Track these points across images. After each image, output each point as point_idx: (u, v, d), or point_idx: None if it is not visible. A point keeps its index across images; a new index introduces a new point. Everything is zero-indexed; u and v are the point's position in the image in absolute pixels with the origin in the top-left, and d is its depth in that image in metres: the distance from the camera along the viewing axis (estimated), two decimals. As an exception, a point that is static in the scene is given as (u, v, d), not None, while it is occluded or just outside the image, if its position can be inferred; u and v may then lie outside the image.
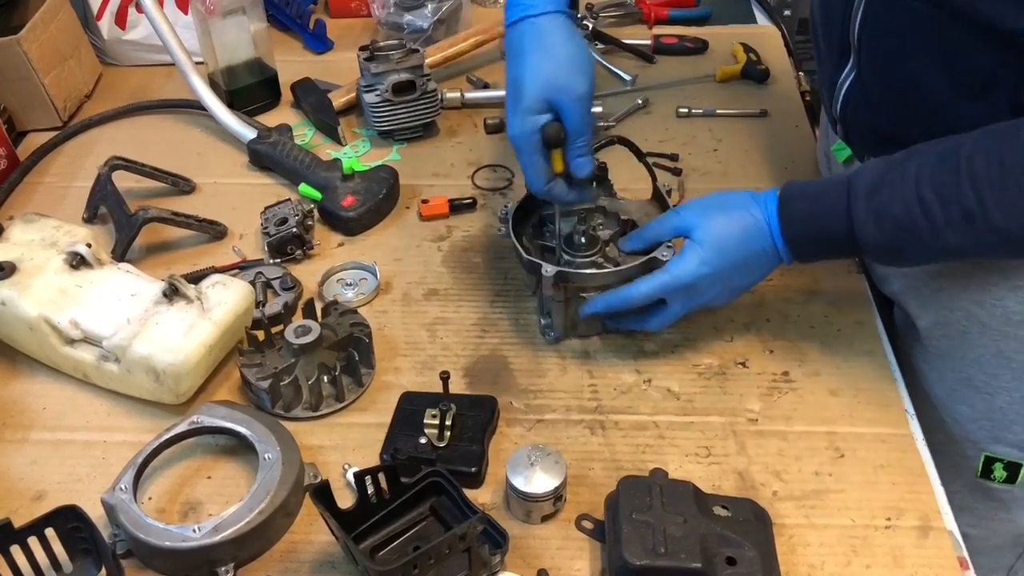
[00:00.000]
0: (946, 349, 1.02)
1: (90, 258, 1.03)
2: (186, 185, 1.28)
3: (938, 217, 0.83)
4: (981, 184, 0.80)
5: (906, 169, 0.85)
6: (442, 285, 1.13)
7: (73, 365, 1.01)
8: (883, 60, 0.95)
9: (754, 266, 0.96)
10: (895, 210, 0.85)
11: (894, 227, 0.86)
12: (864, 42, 0.95)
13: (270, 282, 1.11)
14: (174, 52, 1.35)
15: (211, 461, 0.94)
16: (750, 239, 0.94)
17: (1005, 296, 0.96)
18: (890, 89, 0.95)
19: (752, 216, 0.94)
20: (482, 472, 0.91)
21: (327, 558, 0.85)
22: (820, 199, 0.91)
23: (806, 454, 0.93)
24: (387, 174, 1.25)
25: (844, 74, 1.01)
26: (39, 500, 0.91)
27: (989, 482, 1.06)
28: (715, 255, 0.94)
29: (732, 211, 0.95)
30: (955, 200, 0.82)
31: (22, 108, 1.39)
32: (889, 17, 0.91)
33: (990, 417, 1.02)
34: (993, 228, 0.81)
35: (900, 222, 0.85)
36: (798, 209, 0.92)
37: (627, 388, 1.00)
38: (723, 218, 0.95)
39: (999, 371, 0.99)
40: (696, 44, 1.55)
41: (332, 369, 0.97)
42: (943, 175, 0.83)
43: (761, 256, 0.94)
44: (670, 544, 0.78)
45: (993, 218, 0.81)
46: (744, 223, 0.94)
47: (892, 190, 0.86)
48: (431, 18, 1.52)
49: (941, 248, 0.86)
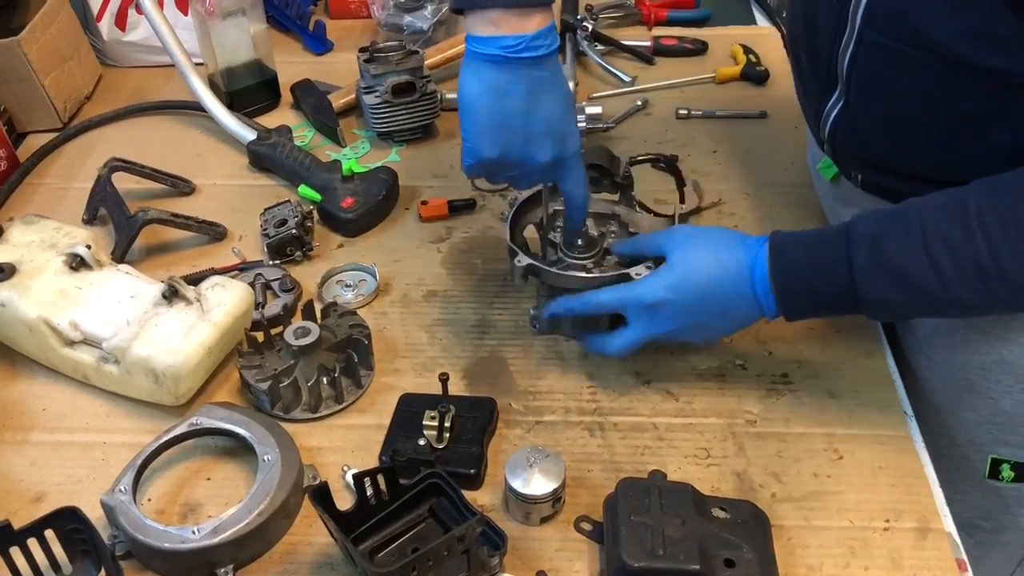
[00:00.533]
0: (948, 356, 1.02)
1: (90, 259, 1.04)
2: (186, 186, 1.28)
3: (948, 273, 0.80)
4: (995, 240, 0.78)
5: (909, 222, 0.82)
6: (441, 287, 1.13)
7: (73, 366, 1.01)
8: (873, 98, 0.92)
9: (727, 312, 0.91)
10: (901, 263, 0.82)
11: (900, 281, 0.82)
12: (854, 80, 0.92)
13: (269, 284, 1.12)
14: (174, 53, 1.35)
15: (210, 462, 0.94)
16: (726, 280, 0.90)
17: None
18: (882, 124, 0.93)
19: (735, 258, 0.90)
20: (481, 474, 0.91)
21: (326, 559, 0.85)
22: (817, 248, 0.87)
23: (805, 456, 0.93)
24: (387, 175, 1.25)
25: (831, 103, 0.98)
26: (39, 501, 0.91)
27: (997, 482, 1.06)
28: (684, 284, 0.90)
29: (717, 247, 0.91)
30: (967, 256, 0.79)
31: (22, 109, 1.39)
32: (880, 60, 0.88)
33: (995, 421, 1.02)
34: (1009, 282, 0.79)
35: (907, 276, 0.82)
36: (792, 258, 0.88)
37: (626, 390, 1.00)
38: (705, 252, 0.91)
39: (1002, 376, 0.99)
40: (696, 45, 1.55)
41: (331, 371, 0.97)
42: (952, 230, 0.80)
43: (736, 301, 0.90)
44: (669, 546, 0.78)
45: (1009, 273, 0.78)
46: (724, 262, 0.90)
47: (898, 243, 0.82)
48: (431, 19, 1.52)
49: (951, 303, 0.83)
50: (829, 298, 0.87)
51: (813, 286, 0.87)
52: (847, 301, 0.85)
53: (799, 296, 0.88)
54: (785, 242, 0.89)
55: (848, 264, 0.84)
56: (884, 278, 0.83)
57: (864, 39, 0.88)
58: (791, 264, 0.87)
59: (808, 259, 0.87)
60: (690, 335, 0.95)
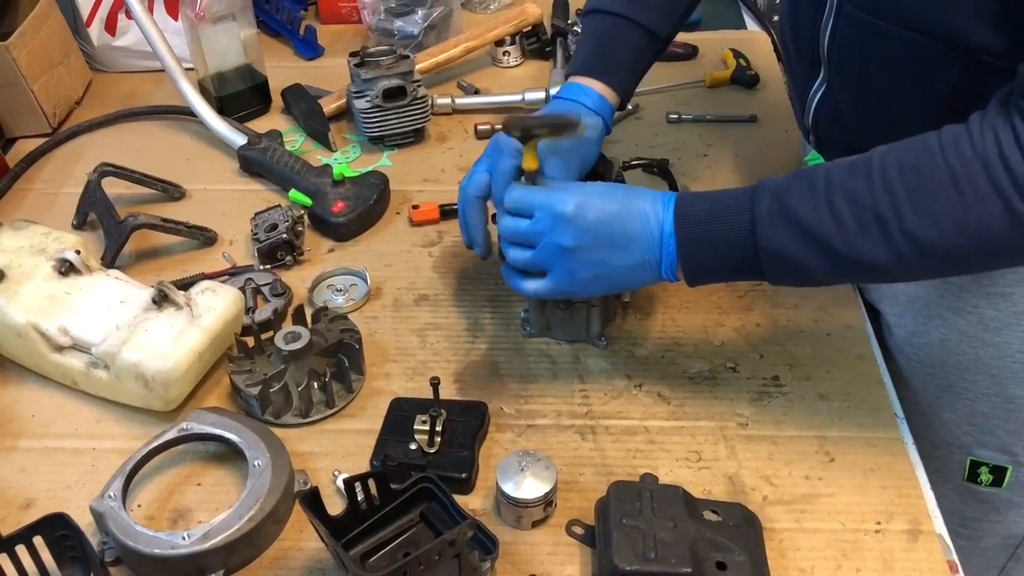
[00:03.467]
0: (926, 357, 1.03)
1: (79, 264, 1.03)
2: (176, 191, 1.28)
3: (849, 224, 0.78)
4: (896, 189, 0.77)
5: (814, 177, 0.81)
6: (432, 291, 1.13)
7: (62, 372, 1.00)
8: (853, 76, 0.94)
9: (626, 247, 0.87)
10: (803, 213, 0.80)
11: (801, 233, 0.80)
12: (834, 58, 0.95)
13: (260, 288, 1.11)
14: (164, 58, 1.34)
15: (200, 468, 0.93)
16: (628, 216, 0.86)
17: (980, 303, 0.96)
18: (861, 104, 0.95)
19: (645, 201, 0.87)
20: (472, 478, 0.91)
21: (317, 565, 0.85)
22: (720, 200, 0.85)
23: (796, 458, 0.93)
24: (377, 180, 1.25)
25: (815, 87, 1.00)
26: (27, 508, 0.90)
27: (976, 485, 1.06)
28: (591, 206, 0.86)
29: (627, 191, 0.89)
30: (868, 206, 0.77)
31: (11, 114, 1.38)
32: (857, 35, 0.90)
33: (973, 422, 1.03)
34: (909, 236, 0.77)
35: (808, 227, 0.80)
36: (696, 209, 0.85)
37: (618, 393, 1.00)
38: (615, 191, 0.89)
39: (979, 377, 1.00)
40: (686, 50, 1.55)
41: (322, 375, 0.97)
42: (854, 182, 0.79)
43: (639, 241, 0.86)
44: (660, 549, 0.78)
45: (909, 225, 0.76)
46: (632, 201, 0.87)
47: (800, 195, 0.81)
48: (422, 24, 1.52)
49: (851, 259, 0.79)
50: (728, 249, 0.83)
51: (712, 234, 0.84)
52: (747, 255, 0.83)
53: (699, 248, 0.85)
54: (691, 196, 0.87)
55: (750, 213, 0.82)
56: (785, 228, 0.80)
57: (843, 12, 0.90)
58: (694, 214, 0.85)
59: (711, 208, 0.85)
60: (588, 269, 0.88)
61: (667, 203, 0.86)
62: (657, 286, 1.11)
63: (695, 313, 1.08)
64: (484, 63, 1.55)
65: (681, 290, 1.11)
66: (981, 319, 0.96)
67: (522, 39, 1.54)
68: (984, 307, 0.96)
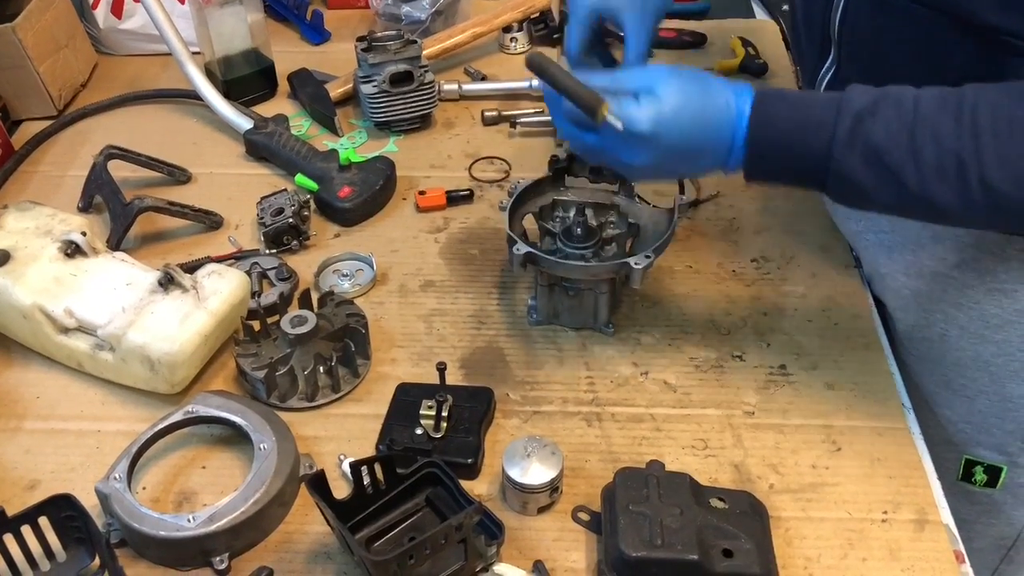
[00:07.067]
0: (926, 352, 1.02)
1: (85, 247, 1.03)
2: (182, 175, 1.28)
3: (928, 162, 0.75)
4: (983, 135, 0.73)
5: (903, 103, 0.77)
6: (439, 277, 1.13)
7: (67, 354, 1.00)
8: (863, 55, 0.93)
9: (698, 159, 0.84)
10: (883, 142, 0.76)
11: (876, 160, 0.77)
12: (844, 37, 0.94)
13: (266, 272, 1.11)
14: (170, 41, 1.34)
15: (206, 451, 0.93)
16: (706, 126, 0.82)
17: (982, 299, 0.96)
18: (871, 84, 0.94)
19: (724, 98, 0.82)
20: (478, 463, 0.91)
21: (322, 548, 0.85)
22: (803, 107, 0.81)
23: (803, 447, 0.93)
24: (384, 165, 1.24)
25: (825, 68, 0.99)
26: (33, 489, 0.90)
27: (970, 486, 1.05)
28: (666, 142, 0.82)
29: (705, 85, 0.84)
30: (951, 148, 0.74)
31: (17, 96, 1.38)
32: (869, 12, 0.89)
33: (970, 420, 1.02)
34: (986, 186, 0.74)
35: (884, 157, 0.76)
36: (777, 109, 0.81)
37: (624, 380, 1.00)
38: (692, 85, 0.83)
39: (977, 374, 0.99)
40: (694, 38, 1.55)
41: (328, 359, 0.97)
42: (942, 117, 0.75)
43: (710, 150, 0.83)
44: (667, 536, 0.78)
45: (989, 174, 0.73)
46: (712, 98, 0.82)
47: (885, 122, 0.77)
48: (429, 9, 1.51)
49: (920, 198, 0.77)
50: (801, 159, 0.80)
51: (788, 143, 0.80)
52: (817, 169, 0.80)
53: (771, 148, 0.81)
54: (773, 95, 0.83)
55: (831, 131, 0.78)
56: (862, 155, 0.77)
57: None
58: (774, 115, 0.81)
59: (792, 115, 0.81)
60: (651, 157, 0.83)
61: (743, 104, 0.81)
62: (665, 274, 1.11)
63: (702, 301, 1.08)
64: (491, 49, 1.54)
65: (688, 279, 1.11)
66: (983, 315, 0.96)
67: (530, 25, 1.54)
68: (986, 303, 0.96)
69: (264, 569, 0.82)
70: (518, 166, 1.29)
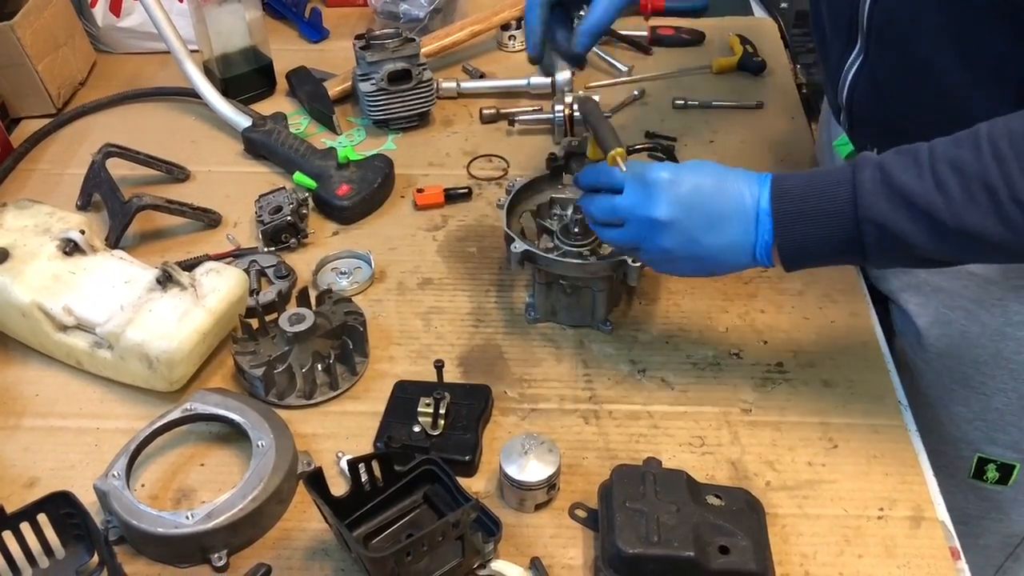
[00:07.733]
0: (944, 348, 1.02)
1: (83, 245, 1.03)
2: (180, 173, 1.28)
3: (956, 193, 0.74)
4: (1005, 157, 0.72)
5: (917, 150, 0.77)
6: (437, 274, 1.13)
7: (66, 352, 1.00)
8: (893, 42, 0.91)
9: (720, 224, 0.84)
10: (906, 182, 0.75)
11: (903, 203, 0.75)
12: (874, 24, 0.92)
13: (264, 270, 1.11)
14: (169, 40, 1.34)
15: (204, 448, 0.94)
16: (723, 192, 0.83)
17: (1005, 295, 0.95)
18: (900, 72, 0.92)
19: (734, 180, 0.84)
20: (476, 461, 0.91)
21: (320, 545, 0.85)
22: (820, 175, 0.81)
23: (799, 444, 0.93)
24: (382, 163, 1.24)
25: (851, 59, 0.98)
26: (31, 486, 0.90)
27: (981, 483, 1.05)
28: (682, 182, 0.85)
29: (710, 168, 0.86)
30: (976, 175, 0.73)
31: (15, 95, 1.38)
32: None
33: (985, 418, 1.02)
34: (1019, 203, 0.72)
35: (911, 196, 0.75)
36: (793, 184, 0.81)
37: (621, 378, 1.00)
38: (699, 172, 0.86)
39: (997, 372, 0.99)
40: (693, 36, 1.55)
41: (326, 357, 0.97)
42: (960, 152, 0.74)
43: (732, 218, 0.83)
44: (663, 532, 0.78)
45: (1020, 192, 0.72)
46: (722, 179, 0.85)
47: (903, 166, 0.76)
48: (427, 7, 1.51)
49: (958, 231, 0.74)
50: (828, 223, 0.79)
51: (812, 208, 0.80)
52: (848, 227, 0.78)
53: (797, 222, 0.80)
54: (789, 174, 0.84)
55: (851, 184, 0.78)
56: (887, 198, 0.76)
57: None
58: (792, 189, 0.81)
59: (810, 182, 0.81)
60: (680, 247, 0.86)
61: (763, 181, 0.83)
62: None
63: (699, 299, 1.08)
64: (490, 47, 1.54)
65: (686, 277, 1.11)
66: (1005, 313, 0.95)
67: (528, 24, 1.54)
68: (1010, 300, 0.95)
69: (262, 566, 0.82)
70: (516, 164, 1.29)
